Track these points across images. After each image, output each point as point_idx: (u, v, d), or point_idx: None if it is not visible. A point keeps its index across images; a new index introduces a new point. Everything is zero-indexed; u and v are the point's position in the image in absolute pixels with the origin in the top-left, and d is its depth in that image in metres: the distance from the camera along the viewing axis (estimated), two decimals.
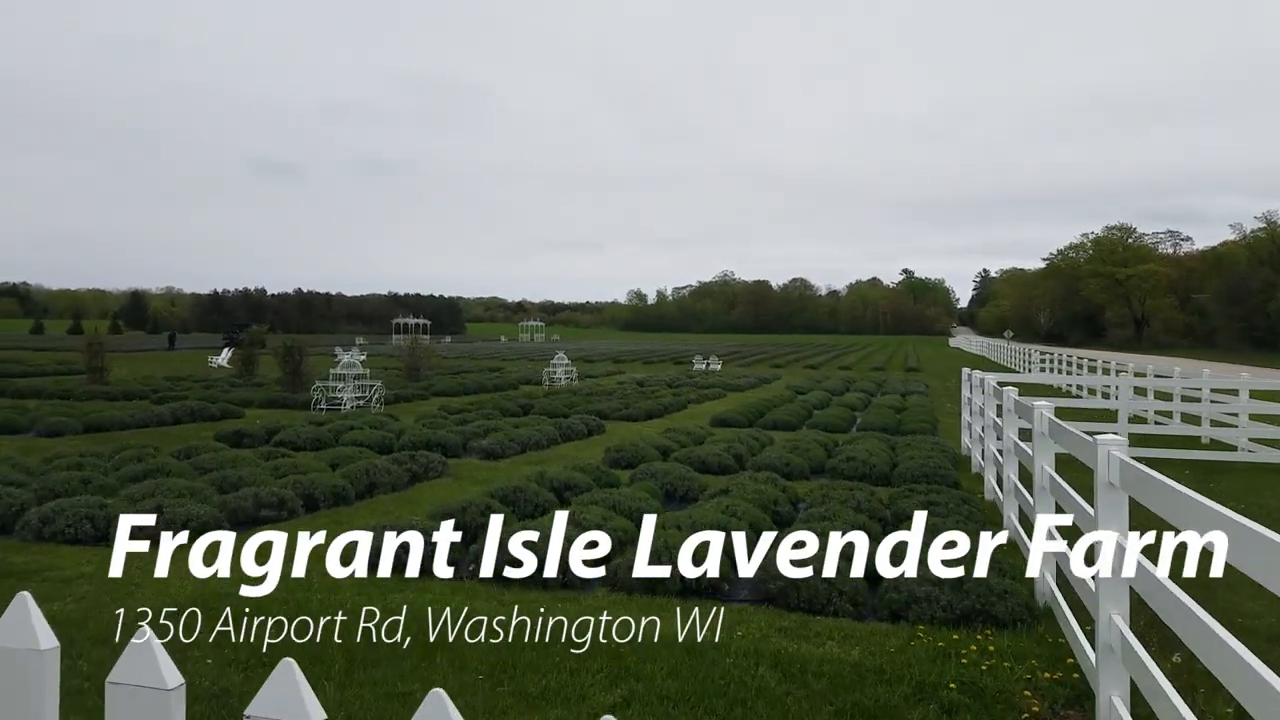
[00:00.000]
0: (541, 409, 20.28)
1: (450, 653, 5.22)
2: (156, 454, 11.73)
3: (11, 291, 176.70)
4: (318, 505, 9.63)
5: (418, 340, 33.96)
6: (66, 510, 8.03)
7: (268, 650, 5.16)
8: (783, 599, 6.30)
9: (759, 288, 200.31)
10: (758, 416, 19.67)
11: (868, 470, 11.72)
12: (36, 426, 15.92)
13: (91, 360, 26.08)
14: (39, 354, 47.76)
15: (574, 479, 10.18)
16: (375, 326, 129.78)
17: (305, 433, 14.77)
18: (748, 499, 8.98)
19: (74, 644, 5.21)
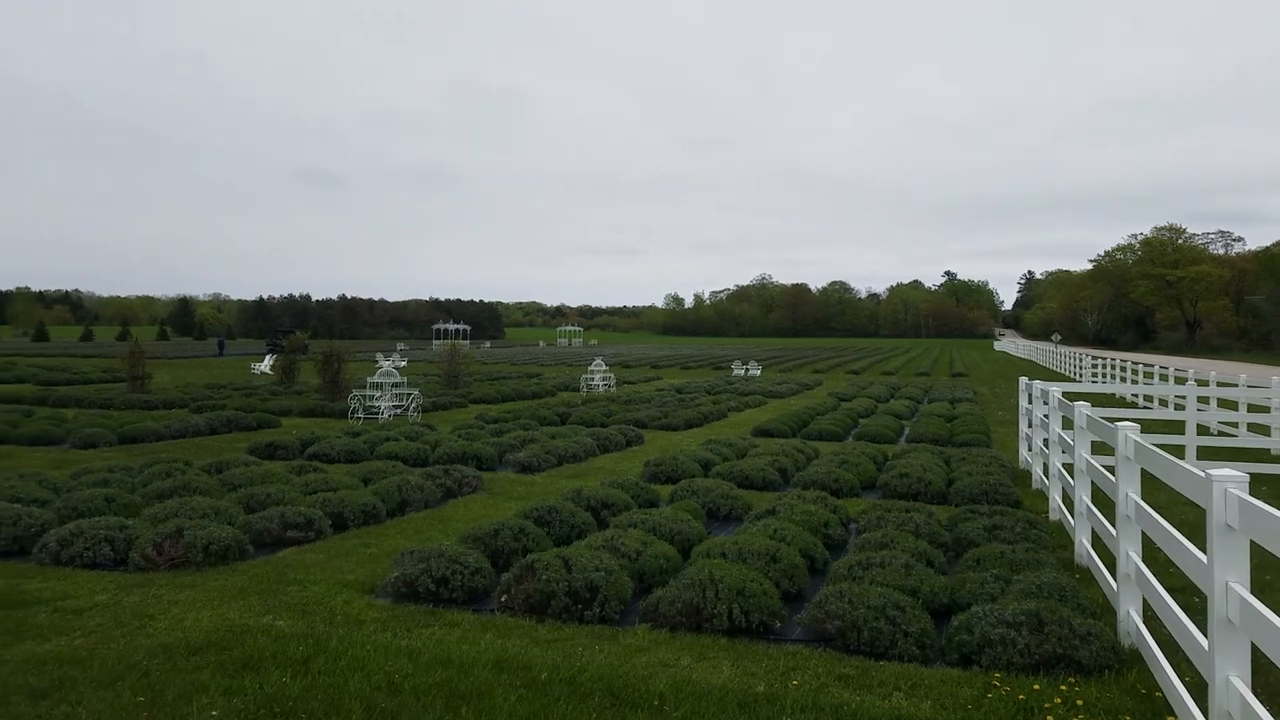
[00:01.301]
0: (579, 418, 19.87)
1: (478, 703, 4.76)
2: (186, 469, 11.48)
3: (64, 299, 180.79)
4: (347, 525, 9.26)
5: (456, 346, 33.78)
6: (86, 532, 7.73)
7: (281, 698, 4.73)
8: (841, 640, 5.75)
9: (797, 291, 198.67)
10: (801, 426, 19.05)
11: (922, 488, 11.09)
12: (72, 438, 15.82)
13: (133, 368, 26.17)
14: (87, 360, 48.51)
15: (612, 497, 9.71)
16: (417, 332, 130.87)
17: (340, 444, 14.49)
18: (796, 521, 8.44)
19: (73, 687, 4.84)
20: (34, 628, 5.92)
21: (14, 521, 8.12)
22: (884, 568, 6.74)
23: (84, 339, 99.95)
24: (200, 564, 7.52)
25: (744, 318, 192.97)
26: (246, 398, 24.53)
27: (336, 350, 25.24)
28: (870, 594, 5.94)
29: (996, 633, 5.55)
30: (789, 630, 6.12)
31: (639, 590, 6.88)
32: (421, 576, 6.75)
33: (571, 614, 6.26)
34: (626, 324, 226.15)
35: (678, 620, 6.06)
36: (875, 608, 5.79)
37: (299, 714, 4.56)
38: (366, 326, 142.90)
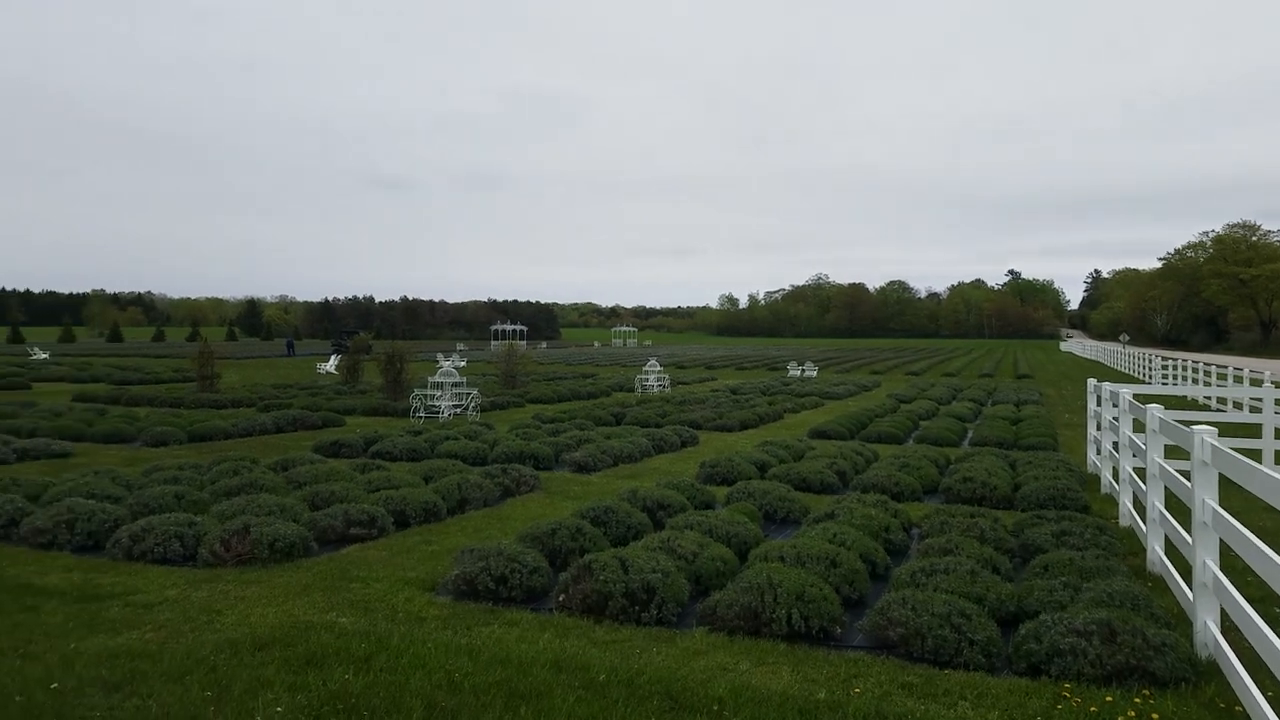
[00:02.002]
0: (634, 418, 19.88)
1: (537, 703, 4.77)
2: (253, 467, 11.74)
3: (136, 301, 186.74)
4: (409, 522, 9.39)
5: (514, 347, 34.07)
6: (156, 528, 7.95)
7: (343, 695, 4.80)
8: (904, 647, 5.64)
9: (854, 290, 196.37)
10: (859, 428, 18.80)
11: (987, 492, 10.85)
12: (143, 436, 16.31)
13: (202, 368, 26.89)
14: (158, 360, 50.03)
15: (667, 498, 9.68)
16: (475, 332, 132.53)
17: (401, 443, 14.73)
18: (856, 525, 8.31)
19: (144, 680, 4.96)
20: (107, 621, 6.10)
21: (89, 517, 8.39)
22: (948, 574, 6.60)
23: (156, 340, 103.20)
24: (266, 560, 7.68)
25: (800, 318, 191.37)
26: (312, 397, 25.05)
27: (398, 351, 25.65)
28: (934, 601, 5.81)
29: (1066, 642, 5.39)
30: (850, 636, 6.02)
31: (696, 593, 6.84)
32: (481, 575, 6.80)
33: (628, 615, 6.25)
34: (681, 325, 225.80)
35: (735, 624, 6.00)
36: (940, 615, 5.67)
37: (361, 711, 4.62)
38: (427, 327, 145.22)
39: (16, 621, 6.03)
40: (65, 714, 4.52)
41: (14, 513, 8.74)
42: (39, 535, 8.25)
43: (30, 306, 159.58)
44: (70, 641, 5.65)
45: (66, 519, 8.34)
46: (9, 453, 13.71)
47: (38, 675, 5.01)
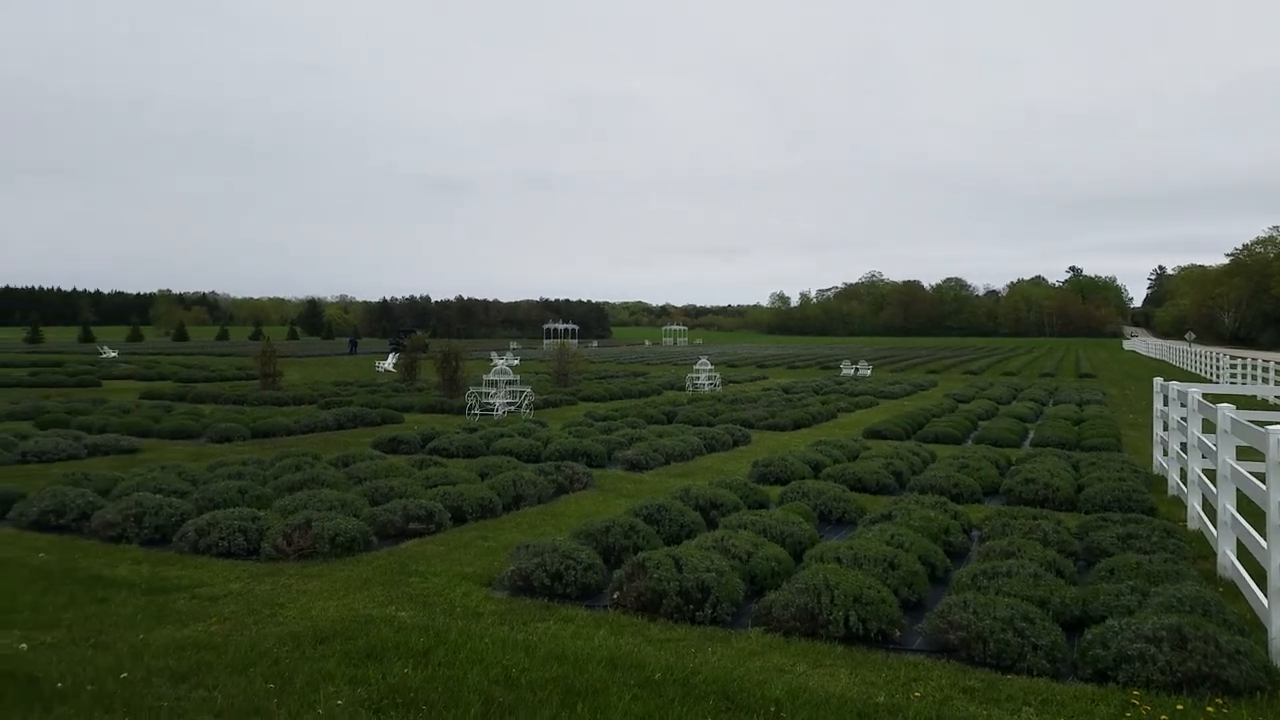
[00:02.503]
0: (685, 417, 19.84)
1: (593, 700, 4.78)
2: (315, 463, 11.96)
3: (201, 301, 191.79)
4: (465, 518, 9.49)
5: (566, 346, 34.27)
6: (221, 522, 8.14)
7: (402, 689, 4.86)
8: (965, 651, 5.53)
9: (910, 288, 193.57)
10: (916, 428, 18.52)
11: (1050, 494, 10.60)
12: (208, 432, 16.74)
13: (265, 366, 27.51)
14: (222, 359, 51.28)
15: (720, 497, 9.64)
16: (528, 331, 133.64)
17: (458, 440, 14.91)
18: (914, 526, 8.18)
19: (209, 672, 5.08)
20: (174, 613, 6.26)
21: (156, 511, 8.63)
22: (1010, 577, 6.46)
23: (220, 338, 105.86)
24: (327, 554, 7.83)
25: (853, 316, 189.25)
26: (371, 394, 25.47)
27: (454, 349, 25.98)
28: (997, 604, 5.69)
29: (1135, 648, 5.24)
30: (909, 640, 5.93)
31: (750, 593, 6.79)
32: (536, 571, 6.84)
33: (683, 614, 6.23)
34: (731, 323, 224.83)
35: (791, 625, 5.95)
36: (1002, 618, 5.55)
37: (420, 705, 4.67)
38: (481, 326, 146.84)
39: (88, 613, 6.23)
40: (134, 703, 4.64)
41: (85, 506, 9.02)
42: (109, 528, 8.51)
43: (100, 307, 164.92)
44: (139, 632, 5.81)
45: (135, 513, 8.58)
46: (80, 448, 14.17)
47: (108, 665, 5.16)
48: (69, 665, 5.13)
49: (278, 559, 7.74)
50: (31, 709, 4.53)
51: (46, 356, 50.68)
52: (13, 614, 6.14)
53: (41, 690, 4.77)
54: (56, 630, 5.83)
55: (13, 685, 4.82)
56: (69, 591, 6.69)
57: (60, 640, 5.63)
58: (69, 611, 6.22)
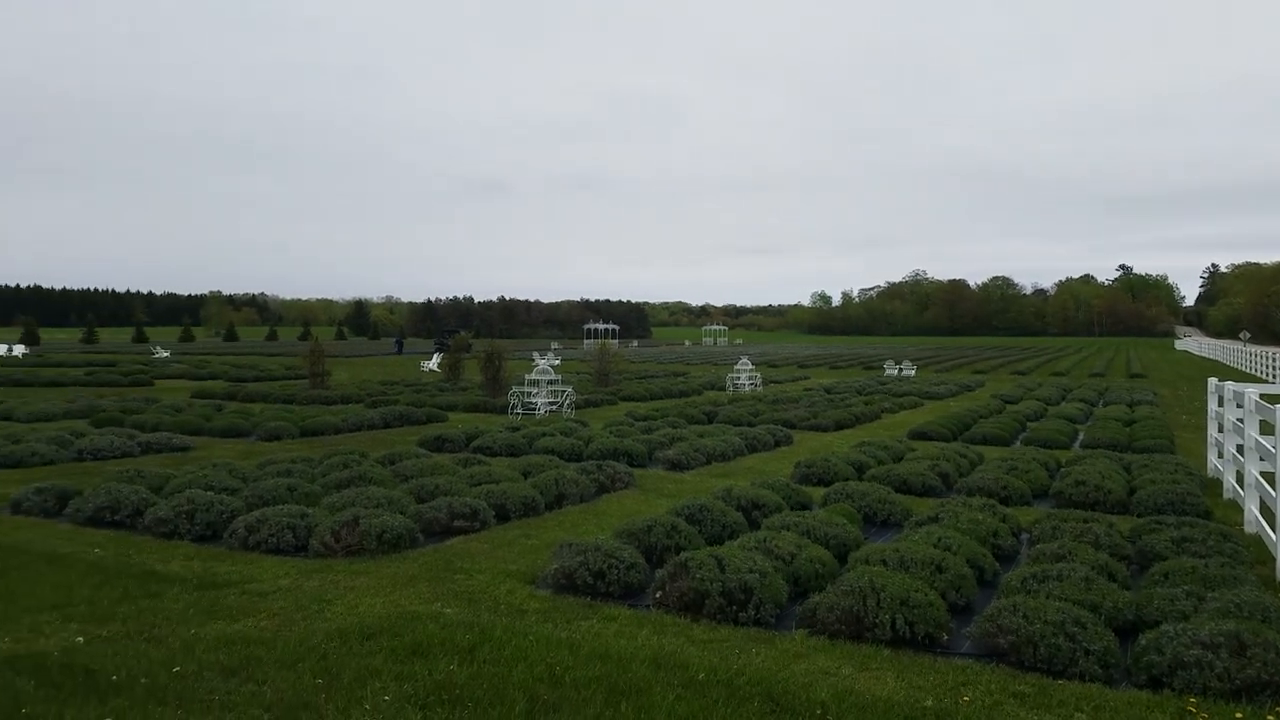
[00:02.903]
0: (726, 417, 19.77)
1: (637, 699, 4.77)
2: (362, 461, 12.12)
3: (251, 302, 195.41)
4: (509, 516, 9.55)
5: (606, 346, 34.35)
6: (270, 519, 8.28)
7: (448, 685, 4.90)
8: (1014, 656, 5.43)
9: (955, 287, 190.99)
10: (962, 430, 18.26)
11: (1101, 496, 10.38)
12: (258, 431, 17.04)
13: (313, 366, 27.94)
14: (272, 359, 52.20)
15: (762, 497, 9.58)
16: (569, 331, 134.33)
17: (501, 439, 15.03)
18: (961, 529, 8.06)
19: (259, 666, 5.17)
20: (224, 609, 6.38)
21: (207, 508, 8.80)
22: (1061, 581, 6.33)
23: (269, 339, 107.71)
24: (374, 551, 7.92)
25: (896, 316, 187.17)
26: (416, 394, 25.76)
27: (497, 349, 26.18)
28: (1047, 608, 5.59)
29: (1191, 654, 5.11)
30: (956, 643, 5.84)
31: (794, 594, 6.74)
32: (579, 569, 6.85)
33: (726, 615, 6.20)
34: (772, 323, 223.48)
35: (836, 628, 5.89)
36: (1053, 623, 5.44)
37: (466, 702, 4.70)
38: (523, 326, 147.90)
39: (142, 607, 6.36)
40: (186, 697, 4.73)
41: (139, 503, 9.23)
42: (161, 525, 8.70)
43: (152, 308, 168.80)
44: (191, 627, 5.92)
45: (187, 509, 8.76)
46: (134, 446, 14.51)
47: (161, 659, 5.27)
48: (124, 658, 5.25)
49: (326, 555, 7.85)
50: (89, 701, 4.64)
51: (101, 356, 51.99)
52: (70, 608, 6.30)
53: (98, 683, 4.89)
54: (112, 624, 5.96)
55: (70, 677, 4.95)
56: (123, 586, 6.85)
57: (115, 634, 5.76)
58: (123, 606, 6.37)
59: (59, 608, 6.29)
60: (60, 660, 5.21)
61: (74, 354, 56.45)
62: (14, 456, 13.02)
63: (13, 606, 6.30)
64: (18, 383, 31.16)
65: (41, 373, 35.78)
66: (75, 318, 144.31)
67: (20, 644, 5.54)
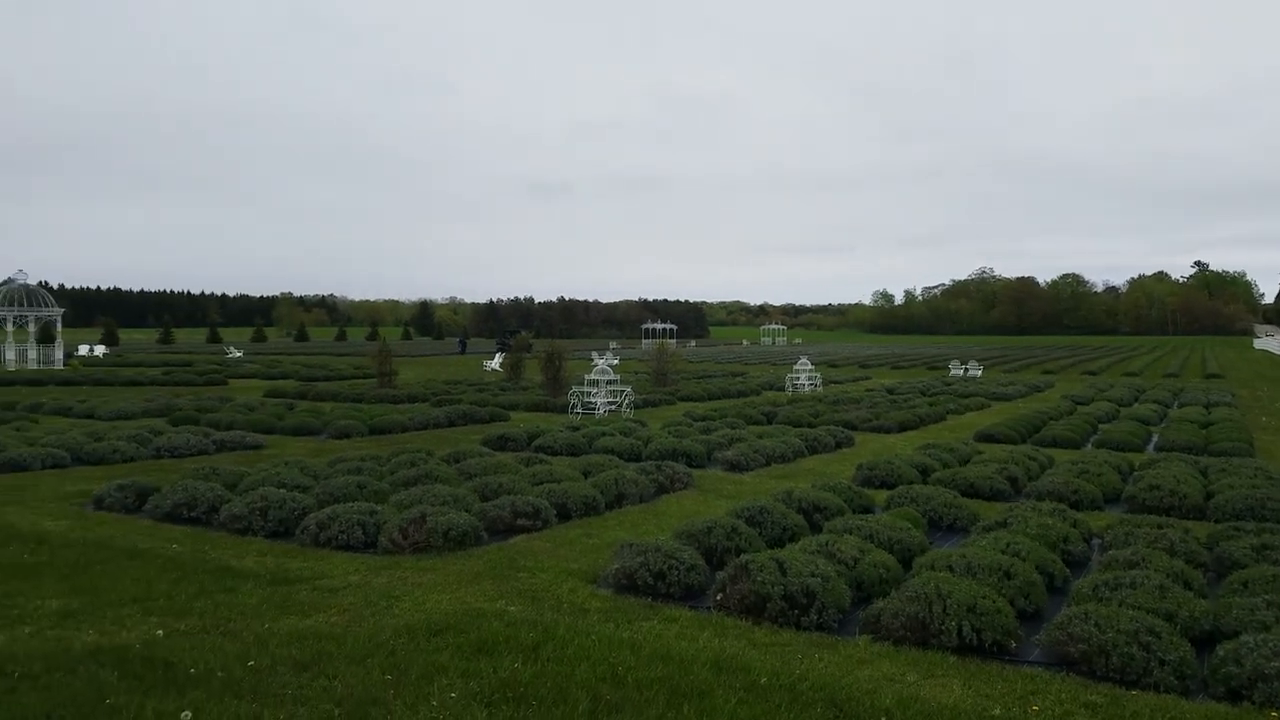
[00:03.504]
0: (785, 417, 19.63)
1: (699, 702, 4.78)
2: (428, 459, 12.34)
3: (321, 303, 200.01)
4: (570, 515, 9.64)
5: (664, 345, 34.36)
6: (341, 516, 8.48)
7: (513, 683, 4.97)
8: (1085, 665, 5.31)
9: (1023, 285, 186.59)
10: (1031, 432, 17.85)
11: (1176, 501, 10.07)
12: (328, 429, 17.45)
13: (381, 365, 28.50)
14: (341, 359, 53.32)
15: (823, 500, 9.50)
16: (627, 331, 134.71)
17: (561, 438, 15.16)
18: (1030, 534, 7.89)
19: (330, 661, 5.30)
20: (296, 604, 6.56)
21: (280, 505, 9.05)
22: (1134, 588, 6.17)
23: (338, 339, 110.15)
24: (440, 548, 8.07)
25: (961, 314, 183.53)
26: (479, 393, 26.13)
27: (557, 349, 26.41)
28: (1120, 616, 5.45)
29: (1273, 666, 4.94)
30: (1025, 651, 5.73)
31: (856, 599, 6.67)
32: (640, 570, 6.89)
33: (788, 619, 6.17)
34: (832, 322, 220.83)
35: (901, 634, 5.82)
36: (1126, 631, 5.31)
37: (530, 700, 4.77)
38: (582, 326, 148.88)
39: (218, 601, 6.58)
40: (260, 690, 4.88)
41: (214, 500, 9.53)
42: (236, 521, 8.97)
43: (226, 309, 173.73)
44: (264, 621, 6.10)
45: (260, 506, 9.02)
46: (209, 444, 14.97)
47: (236, 652, 5.44)
48: (200, 652, 5.43)
49: (394, 552, 8.02)
50: (168, 692, 4.81)
51: (178, 356, 53.73)
52: (150, 601, 6.54)
53: (176, 675, 5.07)
54: (189, 618, 6.17)
55: (150, 669, 5.14)
56: (200, 581, 7.08)
57: (192, 628, 5.96)
58: (200, 600, 6.59)
59: (139, 601, 6.53)
60: (141, 652, 5.41)
61: (151, 354, 58.46)
62: (96, 454, 13.55)
63: (97, 600, 6.56)
64: (99, 382, 32.39)
65: (121, 372, 37.16)
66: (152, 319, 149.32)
67: (104, 636, 5.77)
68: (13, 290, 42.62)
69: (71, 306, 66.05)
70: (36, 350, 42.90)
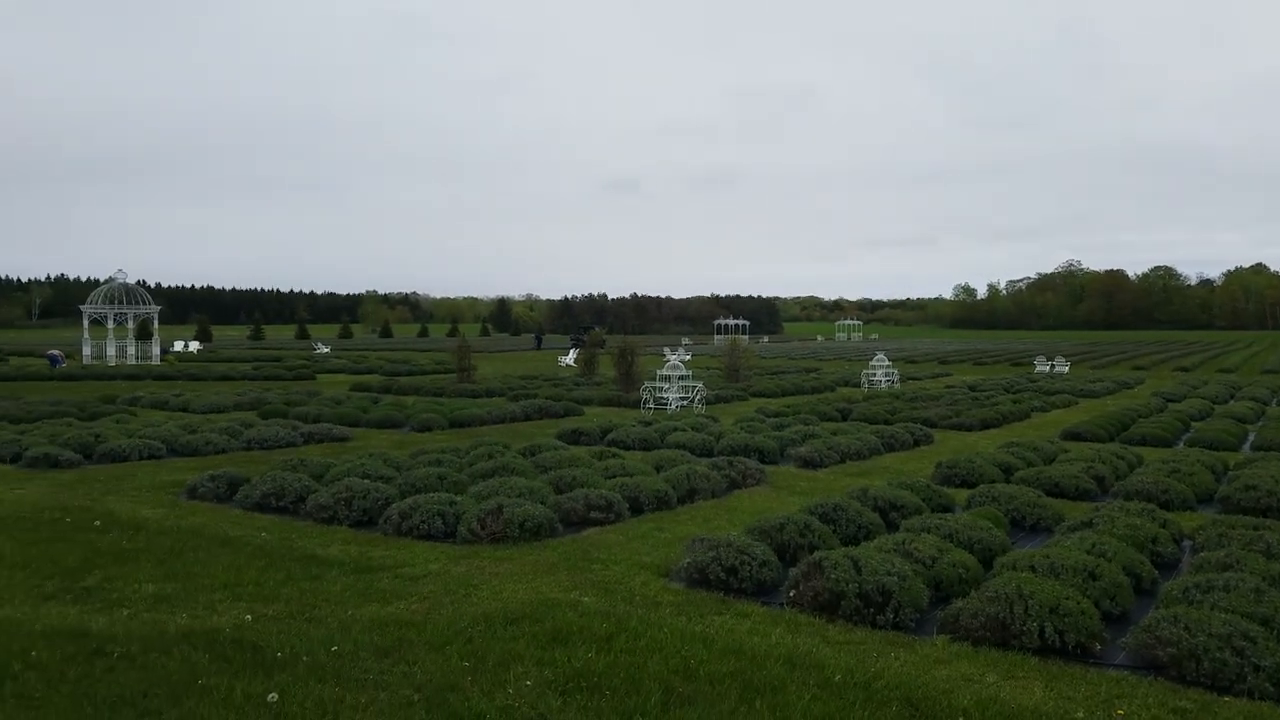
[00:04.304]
0: (861, 414, 19.36)
1: (772, 697, 4.77)
2: (505, 451, 12.55)
3: (404, 300, 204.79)
4: (642, 509, 9.70)
5: (736, 341, 34.21)
6: (422, 507, 8.70)
7: (587, 673, 5.03)
8: (1174, 669, 5.12)
9: (1112, 278, 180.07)
10: (1119, 430, 17.25)
11: (1274, 502, 9.61)
12: (411, 422, 17.90)
13: (461, 361, 29.10)
14: (423, 354, 54.52)
15: (900, 498, 9.35)
16: (699, 327, 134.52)
17: (634, 433, 15.24)
18: (1117, 534, 7.63)
19: (410, 648, 5.45)
20: (379, 591, 6.75)
21: (364, 495, 9.32)
22: (1228, 592, 5.92)
23: (420, 335, 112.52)
24: (516, 539, 8.21)
25: (1047, 309, 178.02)
26: (554, 388, 26.47)
27: (629, 345, 26.55)
28: (1212, 620, 5.24)
29: None
30: (1110, 655, 5.55)
31: (934, 599, 6.55)
32: (712, 565, 6.89)
33: (862, 617, 6.10)
34: (910, 317, 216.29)
35: (980, 634, 5.70)
36: (1218, 636, 5.10)
37: (603, 690, 4.82)
38: (654, 322, 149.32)
39: (304, 588, 6.81)
40: (343, 675, 5.04)
41: (301, 490, 9.86)
42: (322, 511, 9.26)
43: (314, 306, 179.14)
44: (347, 608, 6.30)
45: (345, 497, 9.30)
46: (297, 436, 15.48)
47: (320, 637, 5.62)
48: (286, 636, 5.63)
49: (472, 542, 8.19)
50: (256, 675, 5.01)
51: (267, 352, 55.66)
52: (239, 587, 6.80)
53: (264, 658, 5.27)
54: (276, 604, 6.41)
55: (240, 652, 5.35)
56: (287, 568, 7.34)
57: (279, 613, 6.19)
58: (287, 587, 6.83)
59: (229, 587, 6.80)
60: (231, 636, 5.64)
61: (243, 350, 60.66)
62: (190, 446, 14.14)
63: (189, 585, 6.86)
64: (193, 377, 33.77)
65: (213, 367, 38.67)
66: (244, 316, 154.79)
67: (196, 620, 6.03)
68: (113, 289, 44.71)
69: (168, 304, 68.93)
70: (135, 346, 44.97)
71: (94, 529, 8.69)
